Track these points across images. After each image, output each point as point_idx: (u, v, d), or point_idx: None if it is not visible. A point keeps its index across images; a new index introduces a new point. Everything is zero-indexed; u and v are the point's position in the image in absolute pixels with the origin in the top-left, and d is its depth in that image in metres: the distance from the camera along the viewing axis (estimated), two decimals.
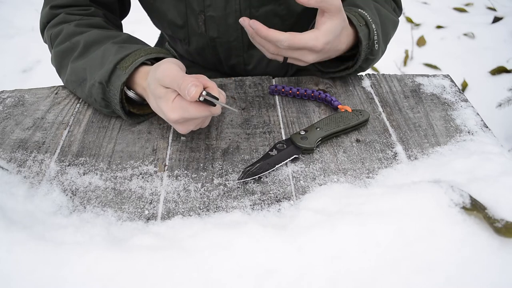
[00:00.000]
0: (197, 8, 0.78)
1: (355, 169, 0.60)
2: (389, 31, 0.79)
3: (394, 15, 0.82)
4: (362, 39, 0.69)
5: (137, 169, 0.61)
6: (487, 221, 0.46)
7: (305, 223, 0.48)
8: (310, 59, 0.65)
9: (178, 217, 0.53)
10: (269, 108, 0.72)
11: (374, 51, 0.72)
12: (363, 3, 0.74)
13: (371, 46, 0.71)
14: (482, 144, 0.62)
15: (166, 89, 0.57)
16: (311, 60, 0.66)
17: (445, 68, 2.12)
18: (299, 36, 0.62)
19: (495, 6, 2.66)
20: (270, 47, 0.64)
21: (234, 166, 0.61)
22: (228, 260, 0.44)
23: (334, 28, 0.64)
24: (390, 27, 0.79)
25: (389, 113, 0.71)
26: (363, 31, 0.69)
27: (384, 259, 0.44)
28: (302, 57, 0.65)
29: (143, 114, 0.69)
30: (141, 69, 0.64)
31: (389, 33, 0.80)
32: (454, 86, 0.77)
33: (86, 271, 0.43)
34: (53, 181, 0.59)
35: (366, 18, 0.70)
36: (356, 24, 0.69)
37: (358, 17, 0.70)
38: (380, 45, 0.73)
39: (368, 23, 0.70)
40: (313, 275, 0.43)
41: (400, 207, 0.48)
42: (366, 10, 0.72)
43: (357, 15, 0.70)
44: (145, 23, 1.03)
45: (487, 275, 0.43)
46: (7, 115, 0.72)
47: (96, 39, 0.69)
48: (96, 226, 0.51)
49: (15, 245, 0.45)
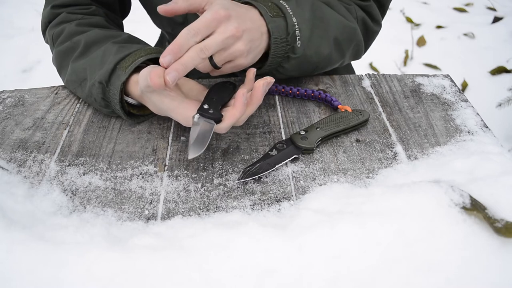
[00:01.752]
0: None
1: (355, 169, 0.60)
2: (333, 32, 0.69)
3: (351, 20, 0.73)
4: (273, 31, 0.62)
5: (137, 169, 0.61)
6: (487, 221, 0.46)
7: (305, 223, 0.48)
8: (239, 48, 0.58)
9: (178, 217, 0.53)
10: (269, 108, 0.72)
11: (296, 48, 0.65)
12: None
13: (292, 42, 0.64)
14: (482, 144, 0.62)
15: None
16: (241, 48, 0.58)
17: (445, 68, 2.12)
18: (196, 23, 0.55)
19: (495, 6, 2.66)
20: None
21: (234, 166, 0.61)
22: (228, 260, 0.44)
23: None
24: (336, 29, 0.69)
25: (389, 113, 0.71)
26: (275, 22, 0.62)
27: (384, 259, 0.44)
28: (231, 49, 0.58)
29: (143, 114, 0.69)
30: (132, 78, 0.63)
31: (334, 35, 0.69)
32: (454, 86, 0.77)
33: (86, 271, 0.43)
34: (53, 181, 0.59)
35: (284, 9, 0.63)
36: (265, 14, 0.62)
37: (272, 7, 0.63)
38: (306, 43, 0.65)
39: (287, 14, 0.63)
40: (313, 275, 0.43)
41: (400, 207, 0.48)
42: (289, 2, 0.65)
43: (272, 5, 0.64)
44: (145, 23, 1.03)
45: (487, 275, 0.43)
46: (7, 115, 0.72)
47: (96, 39, 0.69)
48: (96, 226, 0.51)
49: (15, 245, 0.45)
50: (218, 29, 0.55)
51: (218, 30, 0.55)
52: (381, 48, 1.58)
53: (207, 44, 0.55)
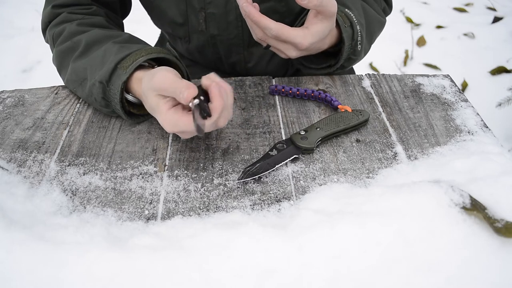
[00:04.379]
0: (197, 5, 0.78)
1: (355, 169, 0.60)
2: (375, 31, 0.80)
3: (382, 15, 0.83)
4: (346, 39, 0.69)
5: (137, 169, 0.61)
6: (487, 221, 0.46)
7: (305, 223, 0.48)
8: (293, 54, 0.66)
9: (178, 217, 0.53)
10: (269, 108, 0.72)
11: (356, 51, 0.73)
12: (350, 3, 0.74)
13: (354, 47, 0.72)
14: (482, 144, 0.62)
15: (158, 100, 0.57)
16: (293, 55, 0.67)
17: (445, 68, 2.12)
18: (288, 30, 0.63)
19: (495, 6, 2.66)
20: (258, 32, 0.65)
21: (234, 166, 0.61)
22: (228, 260, 0.44)
23: (323, 31, 0.65)
24: (376, 28, 0.80)
25: (389, 113, 0.71)
26: (347, 32, 0.70)
27: (384, 259, 0.44)
28: (286, 50, 0.66)
29: (142, 114, 0.69)
30: (135, 75, 0.64)
31: (375, 33, 0.80)
32: (454, 86, 0.77)
33: (86, 271, 0.43)
34: (53, 181, 0.59)
35: (352, 19, 0.71)
36: (342, 25, 0.69)
37: (344, 17, 0.70)
38: (363, 45, 0.74)
39: (353, 24, 0.71)
40: (313, 275, 0.43)
41: (400, 207, 0.48)
42: (352, 10, 0.72)
43: (343, 15, 0.71)
44: (145, 23, 1.03)
45: (487, 275, 0.43)
46: (7, 115, 0.72)
47: (97, 39, 0.69)
48: (96, 226, 0.51)
49: (15, 245, 0.45)
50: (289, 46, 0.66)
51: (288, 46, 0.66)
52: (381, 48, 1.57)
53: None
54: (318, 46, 0.68)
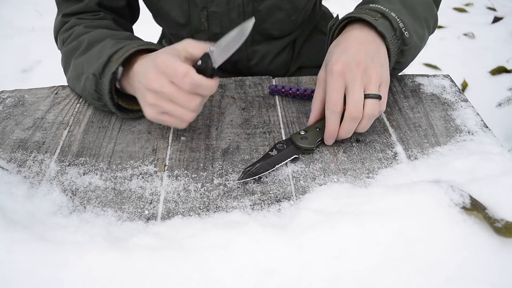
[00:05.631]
0: (199, 4, 0.79)
1: (355, 169, 0.60)
2: (421, 13, 0.70)
3: None
4: (384, 32, 0.63)
5: (137, 169, 0.61)
6: (487, 221, 0.46)
7: (305, 223, 0.48)
8: (376, 110, 0.60)
9: (178, 217, 0.53)
10: (269, 108, 0.72)
11: (406, 40, 0.65)
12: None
13: (400, 36, 0.65)
14: (482, 144, 0.62)
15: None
16: (377, 110, 0.60)
17: (445, 68, 2.12)
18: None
19: (495, 6, 2.66)
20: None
21: (234, 166, 0.61)
22: (228, 260, 0.44)
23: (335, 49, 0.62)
24: (421, 8, 0.70)
25: (389, 113, 0.71)
26: (382, 24, 0.63)
27: (384, 259, 0.44)
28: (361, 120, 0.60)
29: (131, 109, 0.69)
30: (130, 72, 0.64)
31: (422, 15, 0.70)
32: (454, 86, 0.77)
33: (86, 271, 0.43)
34: (53, 181, 0.59)
35: (380, 10, 0.64)
36: (371, 20, 0.63)
37: (370, 12, 0.65)
38: (411, 31, 0.65)
39: (385, 13, 0.64)
40: (313, 275, 0.43)
41: (400, 207, 0.48)
42: (378, 2, 0.66)
43: (368, 11, 0.65)
44: (145, 23, 1.03)
45: (487, 275, 0.43)
46: (7, 115, 0.72)
47: (99, 38, 0.70)
48: (96, 226, 0.51)
49: (15, 245, 0.45)
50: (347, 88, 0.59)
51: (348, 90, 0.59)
52: None
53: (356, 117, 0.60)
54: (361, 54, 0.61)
